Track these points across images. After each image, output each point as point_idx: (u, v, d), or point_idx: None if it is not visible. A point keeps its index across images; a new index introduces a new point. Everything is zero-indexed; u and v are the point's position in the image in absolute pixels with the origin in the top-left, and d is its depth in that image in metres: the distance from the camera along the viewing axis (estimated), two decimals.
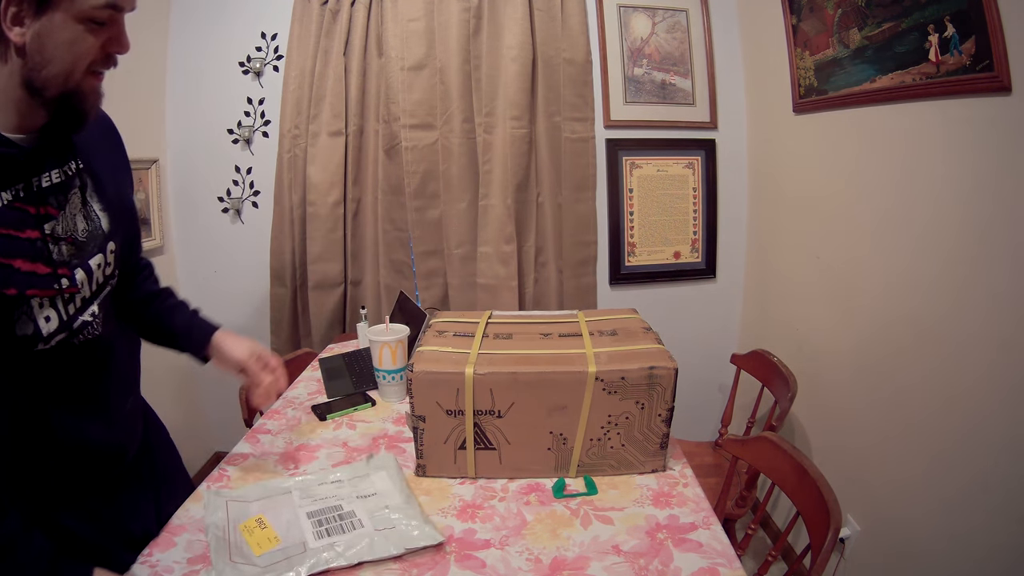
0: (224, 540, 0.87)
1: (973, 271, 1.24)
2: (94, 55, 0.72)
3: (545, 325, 1.20)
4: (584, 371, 0.99)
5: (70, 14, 0.68)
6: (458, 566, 0.84)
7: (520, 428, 1.03)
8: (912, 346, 1.42)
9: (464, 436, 1.03)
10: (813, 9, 1.67)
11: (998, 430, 1.19)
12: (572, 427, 1.02)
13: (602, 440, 1.03)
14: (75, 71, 0.71)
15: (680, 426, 1.48)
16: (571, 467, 1.05)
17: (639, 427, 1.03)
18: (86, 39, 0.70)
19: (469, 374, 1.00)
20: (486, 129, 1.99)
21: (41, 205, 0.74)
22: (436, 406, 1.02)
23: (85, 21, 0.69)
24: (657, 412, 1.02)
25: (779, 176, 2.01)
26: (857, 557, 1.59)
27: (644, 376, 1.00)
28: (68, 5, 0.67)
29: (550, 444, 1.04)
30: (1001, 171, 1.17)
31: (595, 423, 1.02)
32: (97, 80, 0.75)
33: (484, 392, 1.01)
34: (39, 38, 0.67)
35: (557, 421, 1.02)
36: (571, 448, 1.04)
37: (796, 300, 1.94)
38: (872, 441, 1.56)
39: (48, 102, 0.71)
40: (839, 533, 0.97)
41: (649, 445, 1.04)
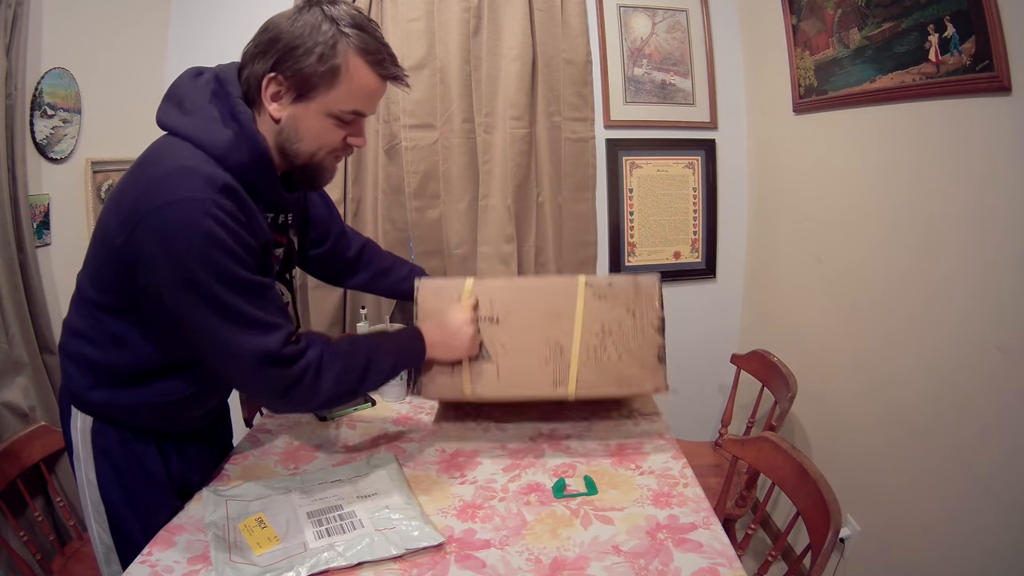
0: (224, 539, 0.87)
1: (974, 272, 1.24)
2: (337, 144, 0.89)
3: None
4: (575, 278, 1.11)
5: (322, 110, 0.85)
6: (458, 566, 0.84)
7: (517, 335, 1.08)
8: (912, 346, 1.42)
9: None
10: (813, 9, 1.67)
11: (999, 430, 1.19)
12: (568, 334, 1.07)
13: (599, 350, 1.06)
14: (319, 152, 0.89)
15: (680, 426, 1.48)
16: (570, 382, 1.05)
17: (633, 336, 1.07)
18: (333, 131, 0.87)
19: (470, 282, 1.11)
20: (486, 129, 1.99)
21: (284, 235, 1.01)
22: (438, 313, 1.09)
23: (334, 118, 0.86)
24: (649, 320, 1.07)
25: (779, 176, 2.01)
26: (857, 557, 1.59)
27: (630, 283, 1.09)
28: (322, 101, 0.84)
29: (547, 355, 1.06)
30: (1001, 171, 1.17)
31: (590, 329, 1.07)
32: (335, 161, 0.93)
33: (484, 299, 1.10)
34: (294, 119, 0.85)
35: (553, 329, 1.07)
36: (568, 360, 1.06)
37: (796, 300, 1.94)
38: (872, 441, 1.56)
39: (293, 167, 0.91)
40: (839, 533, 0.97)
41: (647, 357, 1.06)
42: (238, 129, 0.82)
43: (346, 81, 0.84)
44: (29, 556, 1.25)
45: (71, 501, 1.37)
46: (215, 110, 0.83)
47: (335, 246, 1.25)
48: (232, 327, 0.81)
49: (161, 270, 0.78)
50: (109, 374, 0.91)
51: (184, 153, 0.80)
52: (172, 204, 0.76)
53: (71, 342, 0.93)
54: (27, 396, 1.36)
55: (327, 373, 0.89)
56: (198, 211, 0.76)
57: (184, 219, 0.76)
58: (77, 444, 0.94)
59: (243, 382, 0.92)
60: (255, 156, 0.84)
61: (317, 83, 0.83)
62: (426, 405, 1.36)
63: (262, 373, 0.84)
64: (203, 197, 0.76)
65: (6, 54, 1.28)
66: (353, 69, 0.84)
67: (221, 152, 0.81)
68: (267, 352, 0.82)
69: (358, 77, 0.84)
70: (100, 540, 0.96)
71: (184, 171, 0.78)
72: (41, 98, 1.44)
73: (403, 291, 1.31)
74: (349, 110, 0.86)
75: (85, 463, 0.94)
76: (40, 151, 1.46)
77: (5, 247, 1.31)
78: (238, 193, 0.81)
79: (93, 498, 0.94)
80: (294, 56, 0.81)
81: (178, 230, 0.76)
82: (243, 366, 0.83)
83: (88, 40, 1.59)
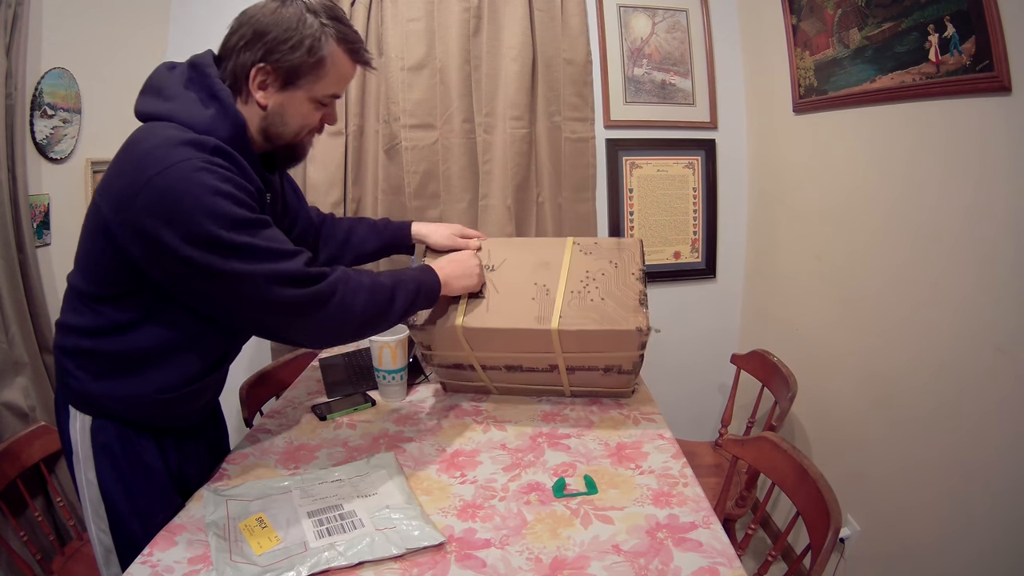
0: (224, 539, 0.87)
1: (973, 271, 1.24)
2: (315, 124, 0.98)
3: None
4: (563, 238, 1.28)
5: (307, 96, 0.92)
6: (458, 566, 0.84)
7: (509, 278, 1.22)
8: (912, 345, 1.42)
9: None
10: (813, 9, 1.67)
11: (999, 430, 1.19)
12: (554, 280, 1.20)
13: (582, 293, 1.17)
14: (300, 133, 0.97)
15: (680, 426, 1.48)
16: (553, 317, 1.14)
17: (616, 283, 1.18)
18: (313, 114, 0.96)
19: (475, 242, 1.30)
20: (486, 129, 1.99)
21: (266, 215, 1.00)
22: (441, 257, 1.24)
23: (315, 102, 0.94)
24: (630, 271, 1.19)
25: (779, 176, 2.01)
26: (857, 557, 1.59)
27: (614, 243, 1.26)
28: (308, 89, 0.92)
29: (534, 294, 1.19)
30: (1001, 171, 1.17)
31: (575, 277, 1.20)
32: (311, 139, 1.01)
33: (483, 251, 1.28)
34: (281, 106, 0.92)
35: (541, 275, 1.22)
36: (553, 299, 1.17)
37: (796, 300, 1.94)
38: (872, 441, 1.56)
39: (276, 148, 0.97)
40: (839, 533, 0.97)
41: (628, 300, 1.15)
42: (219, 107, 0.87)
43: (330, 69, 0.92)
44: (29, 556, 1.25)
45: (71, 501, 1.36)
46: (194, 94, 0.88)
47: (302, 233, 1.25)
48: (252, 263, 0.83)
49: (168, 239, 0.79)
50: (109, 363, 0.92)
51: (170, 131, 0.83)
52: (164, 172, 0.78)
53: (67, 339, 0.93)
54: (27, 396, 1.36)
55: (359, 288, 0.94)
56: (191, 169, 0.79)
57: (179, 181, 0.78)
58: (76, 444, 0.94)
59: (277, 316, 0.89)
60: (237, 131, 0.88)
61: (304, 72, 0.90)
62: (426, 405, 1.36)
63: (294, 296, 0.86)
64: (191, 156, 0.79)
65: (6, 54, 1.28)
66: (335, 58, 0.91)
67: (205, 127, 0.84)
68: (292, 273, 0.86)
69: (339, 65, 0.93)
70: (100, 541, 0.96)
71: (171, 142, 0.81)
72: (41, 98, 1.44)
73: (369, 253, 1.33)
74: (329, 95, 0.95)
75: (85, 462, 0.94)
76: (40, 151, 1.46)
77: (5, 247, 1.31)
78: (228, 152, 0.84)
79: (93, 498, 0.94)
80: (282, 49, 0.87)
81: (176, 193, 0.78)
82: (273, 297, 0.85)
83: (88, 40, 1.59)
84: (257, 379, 1.56)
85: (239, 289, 0.84)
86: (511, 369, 1.29)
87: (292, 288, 0.86)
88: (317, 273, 0.89)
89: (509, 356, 1.26)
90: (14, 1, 1.29)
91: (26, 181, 1.36)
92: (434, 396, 1.40)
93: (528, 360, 1.26)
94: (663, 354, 2.14)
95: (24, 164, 1.35)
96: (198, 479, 1.06)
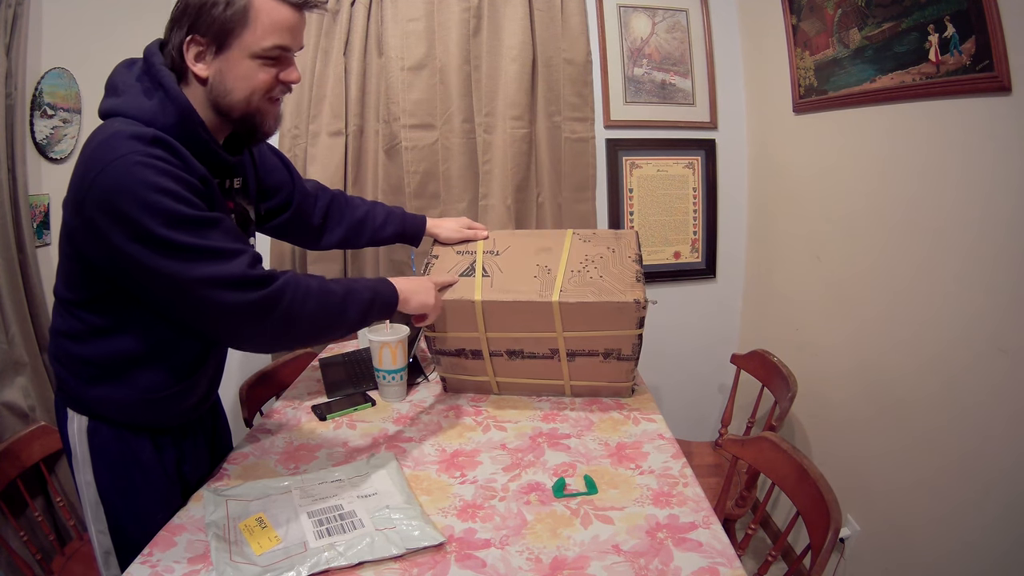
0: (224, 539, 0.87)
1: (974, 271, 1.24)
2: (269, 84, 0.89)
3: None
4: (564, 230, 1.39)
5: (243, 53, 0.85)
6: (458, 566, 0.84)
7: (512, 261, 1.30)
8: (912, 346, 1.42)
9: (466, 267, 1.29)
10: (813, 9, 1.67)
11: (998, 430, 1.19)
12: (555, 262, 1.27)
13: (581, 272, 1.24)
14: (253, 97, 0.88)
15: (680, 426, 1.48)
16: (554, 290, 1.19)
17: (614, 263, 1.26)
18: (260, 71, 0.87)
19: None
20: (486, 129, 1.99)
21: (230, 200, 0.99)
22: (449, 247, 1.36)
23: (257, 58, 0.86)
24: (627, 255, 1.27)
25: (779, 176, 2.01)
26: (857, 557, 1.59)
27: (611, 233, 1.35)
28: (240, 46, 0.85)
29: (536, 273, 1.26)
30: (1001, 171, 1.17)
31: (574, 259, 1.28)
32: (274, 104, 0.92)
33: (488, 240, 1.37)
34: (220, 73, 0.86)
35: (543, 257, 1.29)
36: (554, 276, 1.23)
37: (796, 300, 1.94)
38: (872, 441, 1.56)
39: (233, 121, 0.91)
40: (839, 533, 0.97)
41: (626, 277, 1.22)
42: (163, 94, 0.84)
43: (258, 18, 0.85)
44: (29, 556, 1.25)
45: (71, 501, 1.37)
46: (142, 85, 0.85)
47: (299, 211, 1.22)
48: (192, 264, 0.80)
49: (113, 236, 0.79)
50: (98, 369, 0.92)
51: (116, 124, 0.82)
52: (104, 170, 0.77)
53: (59, 344, 0.94)
54: (27, 396, 1.36)
55: (307, 296, 0.89)
56: (129, 164, 0.77)
57: (119, 177, 0.77)
58: (75, 445, 0.94)
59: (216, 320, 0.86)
60: (181, 116, 0.84)
61: (231, 28, 0.84)
62: (425, 405, 1.36)
63: (234, 300, 0.82)
64: (132, 151, 0.78)
65: (6, 54, 1.29)
66: (260, 4, 0.85)
67: (149, 117, 0.82)
68: (232, 276, 0.82)
69: (269, 12, 0.85)
70: (99, 543, 0.96)
71: (113, 137, 0.80)
72: (41, 98, 1.44)
73: (384, 238, 1.34)
74: (270, 46, 0.86)
75: (83, 463, 0.94)
76: (40, 151, 1.46)
77: (5, 247, 1.31)
78: (167, 142, 0.81)
79: (92, 499, 0.94)
80: (204, 12, 0.83)
81: (116, 190, 0.77)
82: (211, 299, 0.82)
83: (88, 40, 1.59)
84: (257, 379, 1.56)
85: (177, 289, 0.82)
86: (513, 355, 1.30)
87: (232, 292, 0.82)
88: (260, 277, 0.85)
89: (512, 337, 1.27)
90: (14, 1, 1.29)
91: (26, 181, 1.36)
92: (434, 396, 1.40)
93: (530, 343, 1.27)
94: (663, 354, 2.14)
95: (24, 164, 1.35)
96: (198, 477, 1.06)
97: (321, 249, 1.35)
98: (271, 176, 1.17)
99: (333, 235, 1.30)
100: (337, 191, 1.33)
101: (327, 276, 2.06)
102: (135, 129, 0.80)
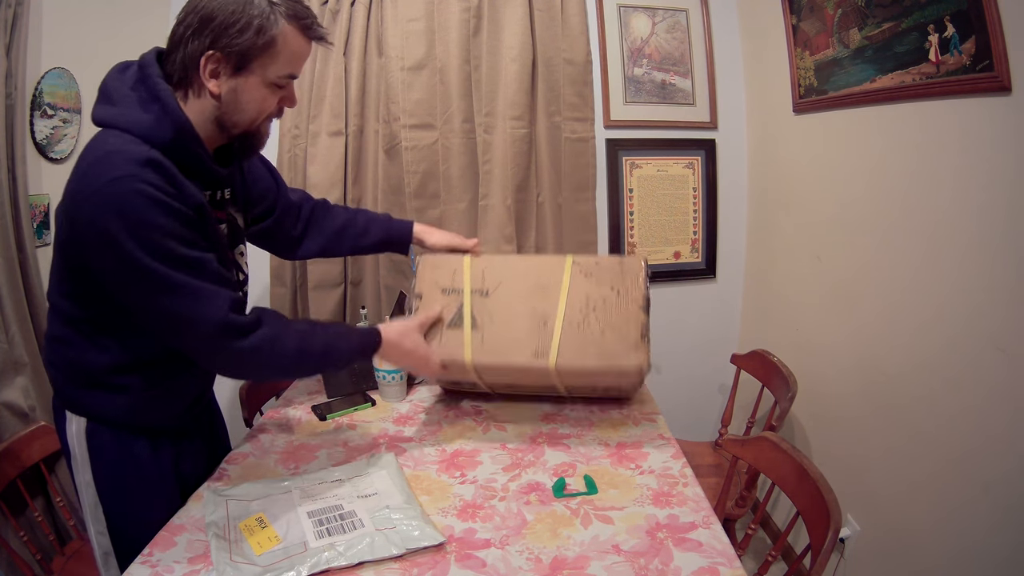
0: (224, 539, 0.87)
1: (974, 271, 1.24)
2: (272, 109, 0.93)
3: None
4: (563, 257, 1.18)
5: (261, 79, 0.88)
6: (458, 566, 0.84)
7: (504, 306, 1.14)
8: (912, 345, 1.42)
9: (453, 313, 1.16)
10: (813, 9, 1.67)
11: (998, 430, 1.19)
12: (553, 307, 1.11)
13: (582, 325, 1.08)
14: (257, 119, 0.92)
15: (680, 426, 1.48)
16: (551, 353, 1.08)
17: (618, 312, 1.09)
18: (269, 98, 0.91)
19: (467, 257, 1.20)
20: (486, 129, 1.99)
21: (223, 211, 1.00)
22: (433, 285, 1.19)
23: (271, 85, 0.89)
24: (633, 298, 1.10)
25: (779, 176, 2.01)
26: (857, 557, 1.59)
27: (616, 263, 1.14)
28: (262, 73, 0.87)
29: (531, 326, 1.10)
30: (1001, 171, 1.17)
31: (574, 303, 1.11)
32: (269, 124, 0.96)
33: (478, 273, 1.18)
34: (234, 92, 0.87)
35: (538, 302, 1.12)
36: (551, 332, 1.09)
37: (796, 300, 1.94)
38: (872, 441, 1.56)
39: (232, 137, 0.93)
40: (839, 533, 0.97)
41: (630, 333, 1.07)
42: (160, 109, 0.84)
43: (282, 50, 0.87)
44: (29, 556, 1.25)
45: (71, 501, 1.36)
46: (137, 95, 0.85)
47: (280, 219, 1.21)
48: (175, 299, 0.82)
49: (102, 256, 0.80)
50: (90, 374, 0.92)
51: (110, 140, 0.82)
52: (100, 190, 0.78)
53: (53, 350, 0.95)
54: (27, 396, 1.36)
55: (282, 354, 0.92)
56: (125, 190, 0.77)
57: (113, 200, 0.77)
58: (74, 447, 0.94)
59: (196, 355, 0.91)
60: (179, 132, 0.84)
61: (255, 55, 0.85)
62: (425, 405, 1.36)
63: (213, 345, 0.87)
64: (127, 174, 0.78)
65: (6, 54, 1.28)
66: (287, 37, 0.86)
67: (144, 132, 0.82)
68: (212, 321, 0.84)
69: (291, 43, 0.87)
70: (99, 543, 0.96)
71: (108, 155, 0.80)
72: (41, 98, 1.44)
73: (367, 246, 1.30)
74: (286, 75, 0.90)
75: (82, 465, 0.94)
76: (40, 151, 1.46)
77: (5, 247, 1.31)
78: (162, 165, 0.81)
79: (91, 500, 0.94)
80: (231, 33, 0.83)
81: (109, 212, 0.77)
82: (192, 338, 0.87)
83: (88, 40, 1.59)
84: None
85: (158, 318, 0.85)
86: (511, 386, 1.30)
87: (209, 337, 0.86)
88: (240, 326, 0.87)
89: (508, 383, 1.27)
90: (14, 1, 1.29)
91: (26, 181, 1.36)
92: (434, 396, 1.40)
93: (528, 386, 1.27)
94: (663, 354, 2.13)
95: (24, 164, 1.35)
96: (196, 477, 1.06)
97: (298, 259, 1.33)
98: (257, 184, 1.16)
99: (312, 244, 1.27)
100: (320, 200, 1.31)
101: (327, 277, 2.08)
102: (131, 149, 0.80)
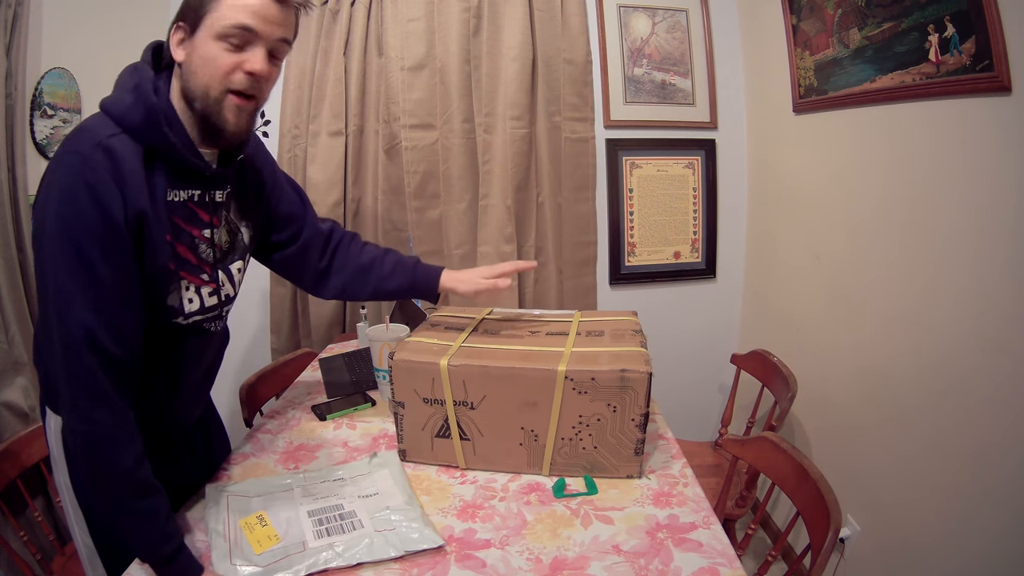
0: (225, 538, 0.87)
1: (974, 271, 1.24)
2: (228, 69, 0.83)
3: (537, 324, 1.22)
4: (554, 369, 0.99)
5: (209, 33, 0.81)
6: (458, 566, 0.84)
7: (492, 420, 1.04)
8: (912, 346, 1.42)
9: (440, 424, 1.06)
10: (813, 9, 1.67)
11: (998, 430, 1.19)
12: (543, 424, 1.02)
13: (573, 440, 1.03)
14: (213, 84, 0.83)
15: (680, 426, 1.48)
16: (544, 465, 1.05)
17: (611, 431, 1.01)
18: (222, 56, 0.82)
19: (444, 365, 1.02)
20: (486, 129, 1.99)
21: (214, 215, 0.93)
22: (414, 393, 1.06)
23: (221, 39, 0.82)
24: (630, 416, 1.00)
25: (779, 176, 2.01)
26: (857, 557, 1.59)
27: (615, 378, 0.98)
28: (208, 25, 0.81)
29: (522, 439, 1.04)
30: (1001, 171, 1.17)
31: (566, 422, 1.02)
32: (237, 101, 0.85)
33: (458, 383, 1.03)
34: (190, 55, 0.83)
35: (528, 417, 1.03)
36: (543, 445, 1.04)
37: (796, 300, 1.94)
38: (872, 441, 1.56)
39: (196, 114, 0.85)
40: (839, 533, 0.97)
41: (623, 450, 1.02)
42: (137, 92, 0.83)
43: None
44: (29, 556, 1.25)
45: None
46: (132, 81, 0.85)
47: (305, 247, 1.15)
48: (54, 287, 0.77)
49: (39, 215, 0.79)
50: None
51: (91, 119, 0.82)
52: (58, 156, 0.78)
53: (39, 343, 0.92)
54: (27, 396, 1.36)
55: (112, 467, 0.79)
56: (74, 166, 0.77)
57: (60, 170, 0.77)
58: (52, 445, 0.91)
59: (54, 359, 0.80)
60: (148, 111, 0.82)
61: (202, 9, 0.81)
62: None
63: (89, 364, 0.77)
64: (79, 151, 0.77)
65: (6, 54, 1.29)
66: None
67: (119, 113, 0.82)
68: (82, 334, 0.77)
69: None
70: (83, 543, 0.92)
71: (79, 130, 0.80)
72: (41, 98, 1.44)
73: (390, 290, 1.21)
74: (231, 24, 0.81)
75: (59, 464, 0.91)
76: (40, 151, 1.46)
77: (5, 247, 1.31)
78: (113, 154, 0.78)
79: (71, 502, 0.91)
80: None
81: (52, 175, 0.78)
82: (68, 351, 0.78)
83: (88, 40, 1.59)
84: (257, 379, 1.56)
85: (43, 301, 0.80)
86: None
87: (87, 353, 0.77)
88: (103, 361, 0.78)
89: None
90: (14, 1, 1.29)
91: (26, 181, 1.36)
92: None
93: None
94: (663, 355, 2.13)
95: (24, 164, 1.35)
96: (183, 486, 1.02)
97: (319, 295, 1.21)
98: (284, 206, 1.11)
99: (336, 279, 1.19)
100: (350, 233, 1.23)
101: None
102: (97, 130, 0.79)
